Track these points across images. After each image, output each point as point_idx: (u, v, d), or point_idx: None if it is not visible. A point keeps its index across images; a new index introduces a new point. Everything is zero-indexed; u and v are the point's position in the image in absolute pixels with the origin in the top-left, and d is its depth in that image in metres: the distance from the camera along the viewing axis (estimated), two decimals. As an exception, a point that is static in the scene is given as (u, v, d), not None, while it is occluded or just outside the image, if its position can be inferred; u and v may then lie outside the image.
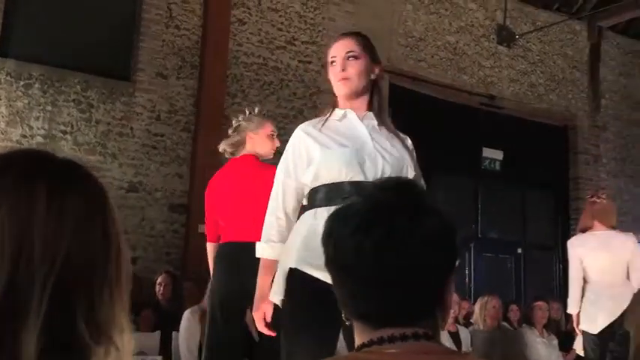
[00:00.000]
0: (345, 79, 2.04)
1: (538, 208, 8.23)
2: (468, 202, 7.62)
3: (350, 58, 2.05)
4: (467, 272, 7.49)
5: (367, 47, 2.10)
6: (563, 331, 5.60)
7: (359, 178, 1.91)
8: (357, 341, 0.89)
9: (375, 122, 2.06)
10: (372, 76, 2.08)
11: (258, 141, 3.21)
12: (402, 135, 2.11)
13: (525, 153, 7.92)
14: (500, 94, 7.73)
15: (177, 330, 3.68)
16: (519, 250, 8.01)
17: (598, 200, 4.13)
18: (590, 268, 4.06)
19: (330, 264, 0.90)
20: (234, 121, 3.34)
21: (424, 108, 7.16)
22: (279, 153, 2.55)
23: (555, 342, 5.23)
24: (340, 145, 1.98)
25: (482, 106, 7.70)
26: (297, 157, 2.06)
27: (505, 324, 5.42)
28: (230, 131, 3.31)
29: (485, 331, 5.01)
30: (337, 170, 1.93)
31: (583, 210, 4.52)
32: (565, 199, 8.24)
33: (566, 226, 8.13)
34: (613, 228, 4.06)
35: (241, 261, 2.79)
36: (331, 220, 0.91)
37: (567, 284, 4.32)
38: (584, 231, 4.15)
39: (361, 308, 0.88)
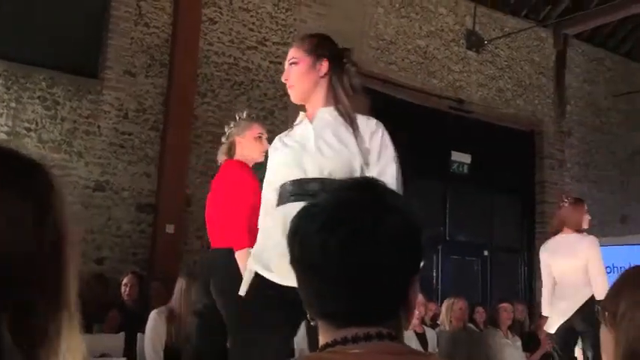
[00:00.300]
0: (290, 87, 2.09)
1: (505, 212, 8.37)
2: (437, 205, 7.70)
3: (291, 65, 2.08)
4: (434, 274, 7.56)
5: (309, 48, 2.10)
6: (526, 332, 5.70)
7: (300, 176, 1.94)
8: (321, 341, 0.89)
9: (330, 117, 2.05)
10: (320, 73, 2.07)
11: (245, 144, 3.21)
12: (362, 122, 2.06)
13: (493, 157, 8.04)
14: (468, 99, 7.84)
15: (143, 331, 3.63)
16: (486, 253, 8.12)
17: (563, 204, 4.24)
18: (555, 271, 4.17)
19: (296, 263, 0.90)
20: (225, 128, 3.35)
21: (394, 111, 7.20)
22: None
23: (519, 343, 5.32)
24: (285, 147, 2.04)
25: (451, 110, 7.79)
26: (269, 167, 2.14)
27: (471, 325, 5.49)
28: (222, 139, 3.33)
29: (451, 332, 5.07)
30: (280, 172, 2.00)
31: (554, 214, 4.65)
32: (531, 202, 8.40)
33: (531, 229, 8.29)
34: (579, 231, 4.15)
35: (212, 269, 2.80)
36: (297, 219, 0.91)
37: (532, 286, 4.44)
38: (555, 234, 4.26)
39: (326, 307, 0.88)
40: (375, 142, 2.02)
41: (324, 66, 2.08)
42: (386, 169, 1.98)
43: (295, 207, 1.84)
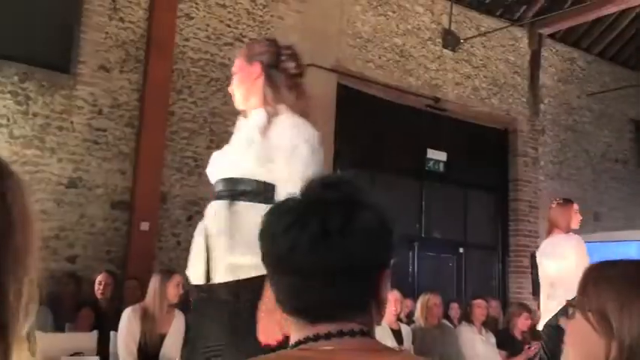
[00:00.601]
0: (231, 96, 2.13)
1: (479, 209, 8.46)
2: (413, 203, 7.75)
3: (234, 76, 2.13)
4: (410, 271, 7.61)
5: (246, 55, 2.11)
6: (500, 330, 5.76)
7: (215, 178, 2.02)
8: (293, 338, 0.89)
9: (253, 118, 2.04)
10: (253, 77, 2.06)
11: None
12: (281, 121, 1.96)
13: (468, 155, 8.13)
14: (444, 97, 7.90)
15: (117, 329, 3.59)
16: (461, 250, 8.20)
17: (552, 206, 4.31)
18: (543, 271, 4.24)
19: (266, 259, 0.90)
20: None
21: (371, 108, 7.24)
22: None
23: (493, 339, 5.38)
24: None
25: (428, 108, 7.85)
26: None
27: (446, 321, 5.54)
28: None
29: (426, 329, 5.11)
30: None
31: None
32: (505, 200, 8.50)
33: (505, 226, 8.39)
34: (567, 232, 4.19)
35: None
36: (267, 216, 0.91)
37: (506, 283, 4.52)
38: (548, 236, 4.33)
39: (297, 303, 0.88)
40: (285, 141, 1.91)
41: (256, 69, 2.05)
42: (292, 173, 1.84)
43: (209, 207, 1.94)
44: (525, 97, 8.68)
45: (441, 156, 7.92)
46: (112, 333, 3.67)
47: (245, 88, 2.08)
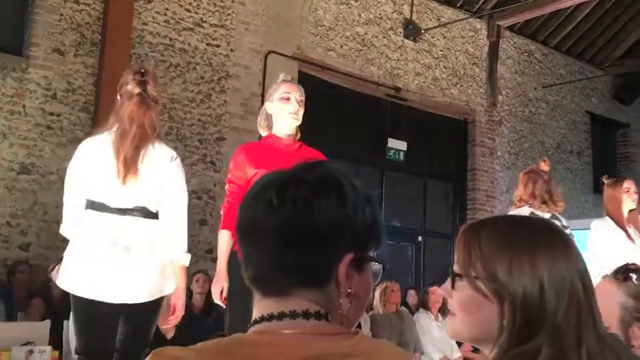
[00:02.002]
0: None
1: (438, 198, 8.59)
2: (373, 191, 7.79)
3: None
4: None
5: None
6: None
7: None
8: (253, 316, 0.89)
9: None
10: (117, 105, 2.65)
11: (274, 110, 2.82)
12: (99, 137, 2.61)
13: (428, 144, 8.22)
14: (405, 87, 7.96)
15: (69, 319, 3.52)
16: (420, 238, 8.32)
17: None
18: None
19: (239, 230, 0.91)
20: None
21: (332, 97, 7.24)
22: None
23: (449, 325, 5.48)
24: None
25: (389, 98, 7.89)
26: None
27: (404, 308, 5.63)
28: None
29: (384, 316, 5.18)
30: None
31: None
32: (463, 189, 8.64)
33: (463, 215, 8.54)
34: (615, 216, 4.00)
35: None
36: (250, 192, 0.93)
37: None
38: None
39: (251, 271, 0.89)
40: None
41: (117, 99, 2.58)
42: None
43: None
44: (484, 89, 8.81)
45: (402, 145, 7.99)
46: (65, 322, 3.60)
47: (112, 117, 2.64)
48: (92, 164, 2.50)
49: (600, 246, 3.78)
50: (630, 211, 3.90)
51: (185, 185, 2.67)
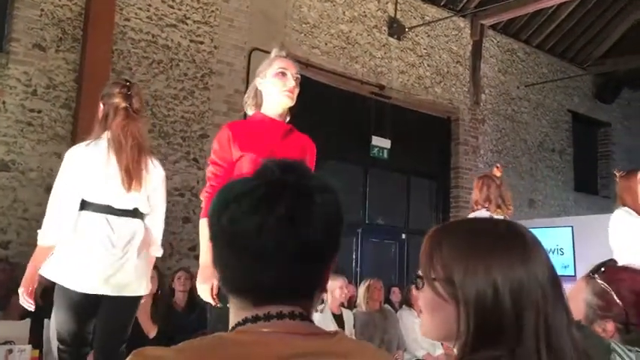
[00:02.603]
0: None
1: (421, 196, 8.62)
2: (357, 189, 7.82)
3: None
4: (354, 257, 7.70)
5: None
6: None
7: None
8: (234, 320, 0.88)
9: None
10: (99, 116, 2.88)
11: (266, 86, 2.63)
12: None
13: (411, 142, 8.25)
14: (389, 85, 7.98)
15: (50, 318, 3.48)
16: (403, 236, 8.35)
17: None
18: None
19: (221, 238, 0.88)
20: None
21: (317, 94, 7.23)
22: None
23: (432, 322, 5.50)
24: None
25: (373, 96, 7.91)
26: None
27: (387, 306, 5.64)
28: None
29: (368, 313, 5.19)
30: None
31: None
32: (446, 187, 8.69)
33: (446, 213, 8.58)
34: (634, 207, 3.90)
35: None
36: (226, 194, 0.89)
37: None
38: None
39: (249, 284, 0.87)
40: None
41: (100, 108, 2.78)
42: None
43: None
44: (467, 87, 8.86)
45: (385, 143, 8.01)
46: (45, 321, 3.56)
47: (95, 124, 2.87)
48: (89, 169, 2.65)
49: (630, 236, 3.63)
50: None
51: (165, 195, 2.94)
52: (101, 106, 2.75)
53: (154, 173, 2.80)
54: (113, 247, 2.62)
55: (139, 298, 2.74)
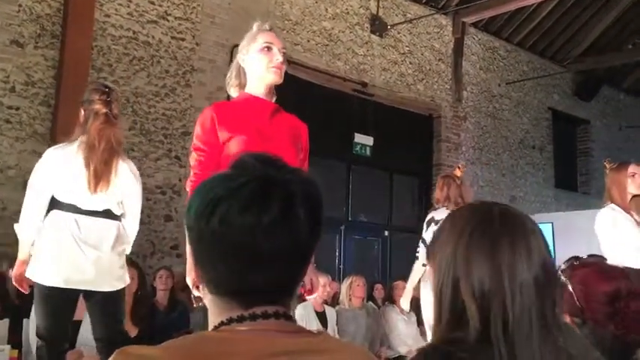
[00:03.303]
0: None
1: (404, 193, 8.65)
2: (340, 187, 7.82)
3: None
4: (337, 254, 7.71)
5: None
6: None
7: None
8: (216, 320, 0.87)
9: None
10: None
11: (250, 63, 2.45)
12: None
13: (394, 140, 8.27)
14: (372, 82, 7.99)
15: (29, 317, 3.44)
16: (386, 233, 8.37)
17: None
18: None
19: (208, 240, 0.84)
20: None
21: (299, 92, 7.22)
22: None
23: (414, 319, 5.55)
24: None
25: (355, 93, 7.91)
26: None
27: (370, 303, 5.66)
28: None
29: (351, 310, 5.20)
30: None
31: None
32: (428, 184, 8.72)
33: (428, 209, 8.61)
34: (619, 203, 3.75)
35: None
36: (209, 193, 0.85)
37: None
38: None
39: (239, 285, 0.85)
40: None
41: (81, 113, 2.89)
42: None
43: None
44: (449, 84, 8.91)
45: (368, 140, 8.02)
46: (25, 321, 3.51)
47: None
48: (60, 170, 2.76)
49: (616, 234, 3.53)
50: (634, 197, 3.67)
51: (141, 194, 3.02)
52: (82, 111, 2.88)
53: (126, 177, 2.88)
54: (83, 243, 2.73)
55: (119, 291, 2.88)
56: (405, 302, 4.41)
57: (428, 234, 4.31)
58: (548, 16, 9.55)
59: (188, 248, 2.44)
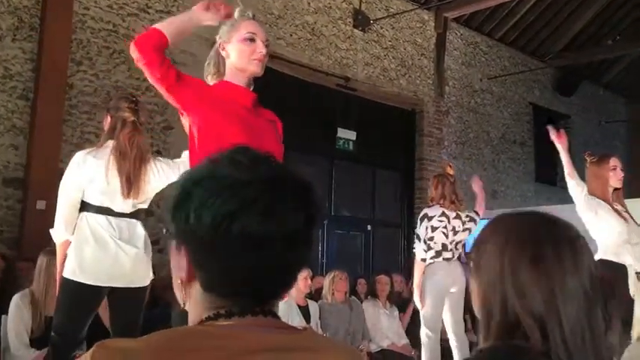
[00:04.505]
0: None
1: (387, 187, 8.68)
2: (323, 181, 7.82)
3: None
4: (320, 248, 7.71)
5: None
6: (402, 299, 6.04)
7: None
8: (201, 314, 0.86)
9: None
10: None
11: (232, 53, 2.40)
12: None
13: (377, 134, 8.29)
14: (354, 77, 7.99)
15: (7, 314, 3.39)
16: (369, 227, 8.40)
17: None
18: None
19: (197, 238, 0.82)
20: None
21: (282, 86, 7.19)
22: None
23: (396, 313, 5.58)
24: None
25: (338, 88, 7.91)
26: None
27: (353, 297, 5.67)
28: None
29: (333, 304, 5.20)
30: None
31: None
32: (411, 179, 8.77)
33: (411, 204, 8.67)
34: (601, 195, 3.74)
35: None
36: (196, 190, 0.83)
37: (412, 259, 4.79)
38: None
39: (226, 284, 0.84)
40: None
41: (107, 119, 3.00)
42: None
43: None
44: (431, 79, 8.94)
45: (351, 135, 8.03)
46: (3, 317, 3.46)
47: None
48: (92, 174, 2.86)
49: (598, 224, 3.51)
50: (615, 190, 3.64)
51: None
52: (108, 118, 2.98)
53: (156, 183, 2.99)
54: (114, 242, 2.83)
55: (145, 287, 2.98)
56: (416, 299, 4.47)
57: (421, 230, 4.41)
58: (530, 11, 9.62)
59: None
